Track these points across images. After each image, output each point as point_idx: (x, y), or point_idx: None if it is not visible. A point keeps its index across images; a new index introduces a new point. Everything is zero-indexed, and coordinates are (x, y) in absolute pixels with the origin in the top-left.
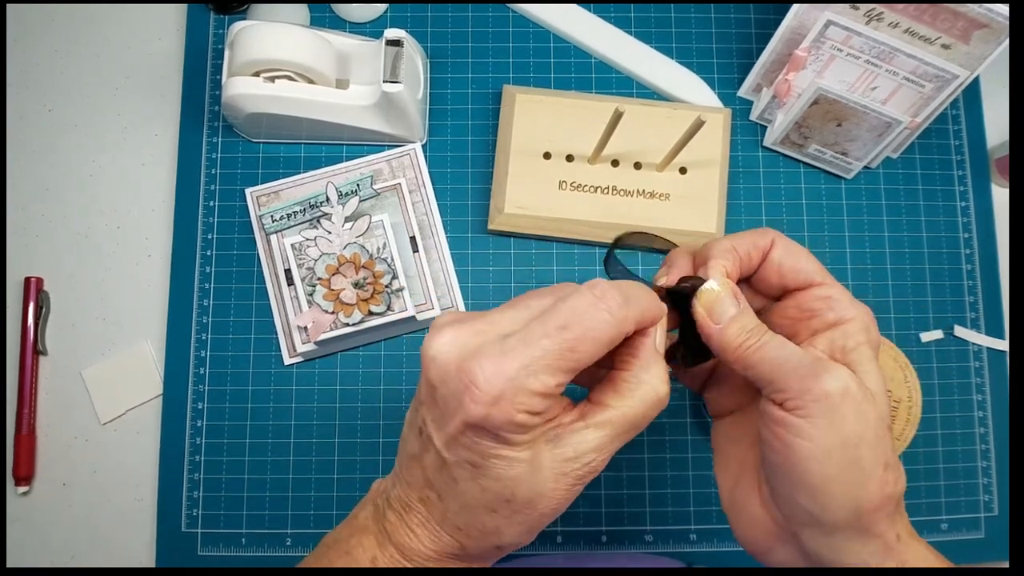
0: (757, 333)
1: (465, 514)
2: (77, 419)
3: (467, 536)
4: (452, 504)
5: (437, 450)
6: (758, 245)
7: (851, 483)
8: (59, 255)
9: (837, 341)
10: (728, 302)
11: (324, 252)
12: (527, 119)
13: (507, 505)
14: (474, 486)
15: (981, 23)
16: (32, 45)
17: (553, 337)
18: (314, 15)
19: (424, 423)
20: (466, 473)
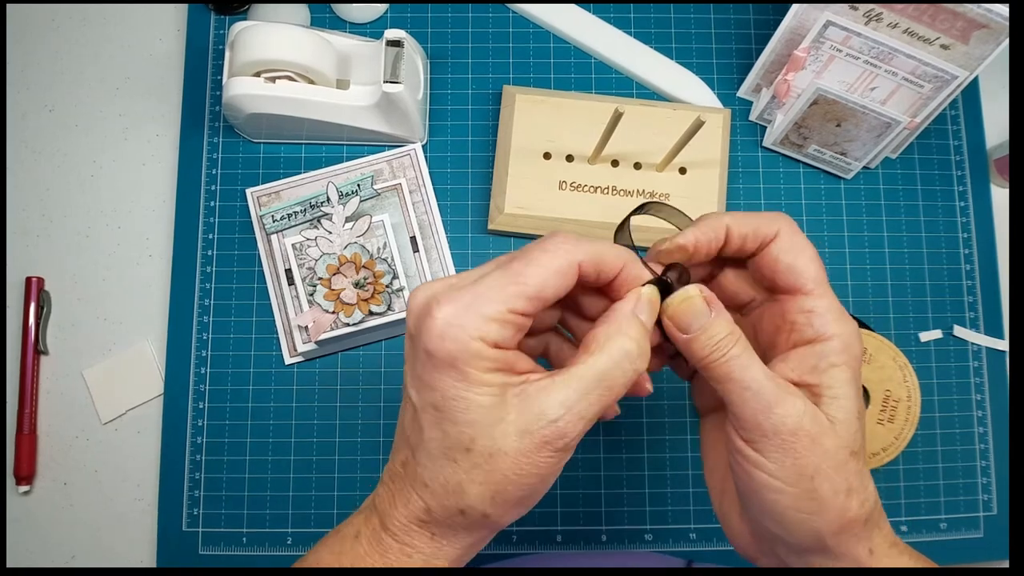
0: (724, 346)
1: (430, 465)
2: (78, 419)
3: (432, 494)
4: (421, 456)
5: (411, 399)
6: (760, 233)
7: (809, 512)
8: (60, 255)
9: (809, 360)
10: (697, 311)
11: (325, 252)
12: (527, 119)
13: (467, 455)
14: (437, 432)
15: (980, 23)
16: (33, 45)
17: (504, 268)
18: (314, 15)
19: (405, 383)
20: (430, 417)
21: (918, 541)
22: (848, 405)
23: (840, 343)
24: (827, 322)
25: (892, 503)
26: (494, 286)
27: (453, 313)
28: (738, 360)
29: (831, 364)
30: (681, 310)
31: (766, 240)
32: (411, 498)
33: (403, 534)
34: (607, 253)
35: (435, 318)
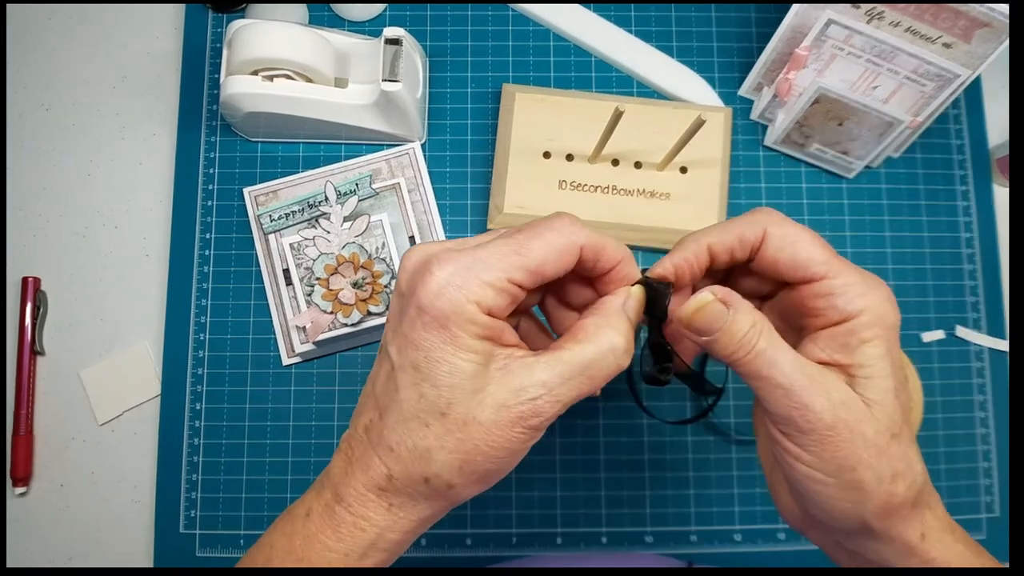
0: (748, 342)
1: (399, 428)
2: (75, 420)
3: (396, 459)
4: (390, 419)
5: (389, 358)
6: (746, 239)
7: (852, 501)
8: (57, 255)
9: (838, 339)
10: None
11: (323, 252)
12: (527, 118)
13: (441, 420)
14: (413, 392)
15: (982, 22)
16: (30, 44)
17: (506, 238)
18: (313, 14)
19: (385, 341)
20: (408, 377)
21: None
22: (884, 384)
23: (869, 317)
24: (849, 299)
25: None
26: (496, 253)
27: (453, 273)
28: (764, 355)
29: (861, 340)
30: (699, 317)
31: (755, 244)
32: (372, 463)
33: (358, 504)
34: (609, 245)
35: (433, 275)
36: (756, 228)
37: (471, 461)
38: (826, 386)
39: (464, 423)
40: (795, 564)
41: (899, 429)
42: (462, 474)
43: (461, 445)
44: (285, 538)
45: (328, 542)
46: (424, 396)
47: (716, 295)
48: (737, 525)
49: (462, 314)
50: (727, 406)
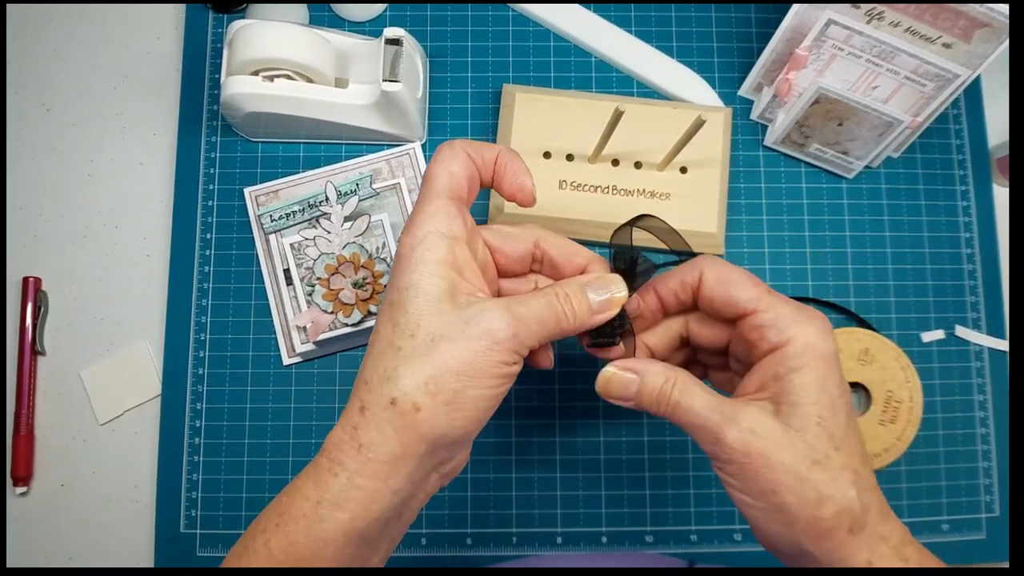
0: (665, 393)
1: (371, 361)
2: (75, 419)
3: (368, 388)
4: (368, 359)
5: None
6: (686, 282)
7: (780, 523)
8: (57, 255)
9: (771, 368)
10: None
11: (323, 252)
12: (527, 118)
13: (410, 340)
14: (388, 325)
15: (982, 22)
16: (30, 44)
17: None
18: (313, 14)
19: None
20: (386, 314)
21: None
22: (807, 411)
23: (798, 345)
24: (779, 330)
25: (894, 504)
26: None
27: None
28: (679, 404)
29: (790, 369)
30: (612, 389)
31: (694, 286)
32: (351, 406)
33: (334, 450)
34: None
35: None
36: (694, 272)
37: (437, 378)
38: (737, 419)
39: (432, 339)
40: None
41: (824, 455)
42: (428, 392)
43: (428, 361)
44: (276, 501)
45: (306, 491)
46: (396, 324)
47: (619, 367)
48: (737, 525)
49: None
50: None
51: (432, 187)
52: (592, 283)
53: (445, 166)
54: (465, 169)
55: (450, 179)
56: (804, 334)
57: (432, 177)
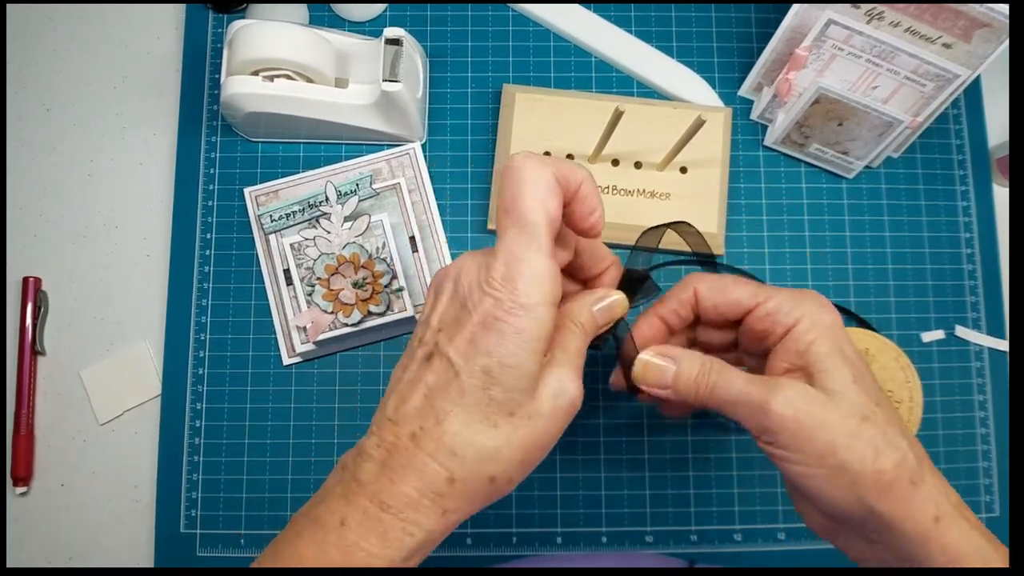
0: (704, 377)
1: (463, 432)
2: (75, 419)
3: (461, 463)
4: (452, 424)
5: (451, 364)
6: (682, 300)
7: (845, 485)
8: (57, 255)
9: (791, 347)
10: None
11: (323, 252)
12: (527, 118)
13: (509, 419)
14: (483, 396)
15: (982, 22)
16: (31, 44)
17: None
18: (313, 14)
19: (437, 344)
20: (478, 382)
21: None
22: (839, 374)
23: (807, 322)
24: (786, 312)
25: None
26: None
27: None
28: (719, 385)
29: (808, 343)
30: (649, 376)
31: (692, 302)
32: (428, 469)
33: (410, 511)
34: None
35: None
36: (687, 290)
37: (532, 454)
38: (780, 388)
39: (529, 418)
40: (795, 564)
41: (870, 411)
42: (522, 468)
43: (525, 441)
44: (315, 547)
45: (373, 549)
46: (494, 399)
47: (655, 353)
48: (737, 525)
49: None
50: None
51: (535, 235)
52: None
53: (543, 204)
54: (560, 206)
55: (550, 224)
56: (809, 311)
57: (531, 223)
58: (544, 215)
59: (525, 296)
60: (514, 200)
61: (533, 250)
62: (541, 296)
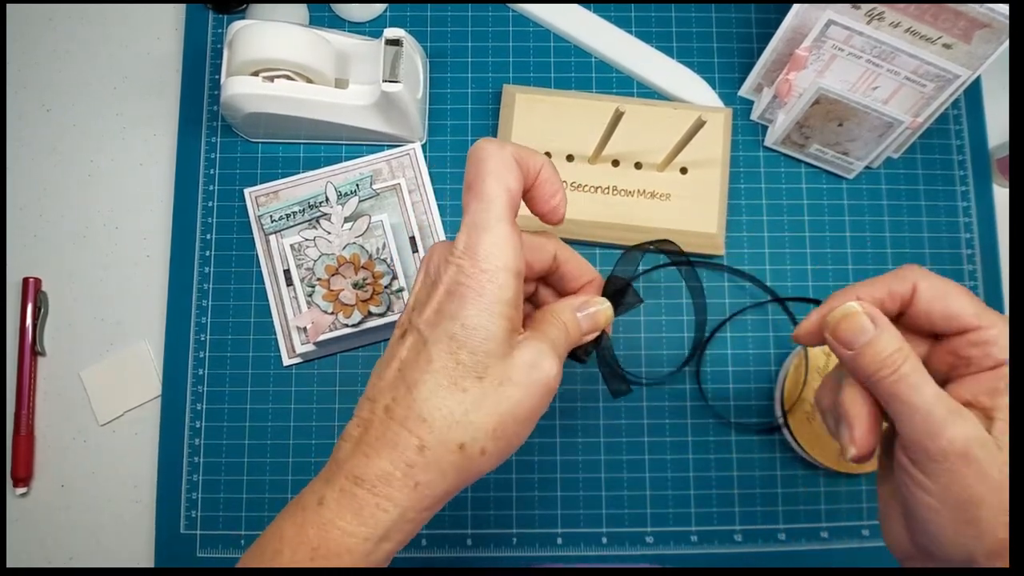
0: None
1: (433, 397)
2: (75, 420)
3: (430, 428)
4: (422, 391)
5: (419, 334)
6: (896, 294)
7: (968, 537)
8: (58, 255)
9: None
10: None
11: (323, 252)
12: (527, 119)
13: (478, 383)
14: (450, 360)
15: (982, 23)
16: (30, 45)
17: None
18: (313, 14)
19: (410, 322)
20: (444, 347)
21: None
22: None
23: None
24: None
25: None
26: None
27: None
28: (908, 380)
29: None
30: (843, 326)
31: (906, 298)
32: (400, 439)
33: (382, 484)
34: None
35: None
36: (906, 283)
37: (503, 424)
38: (964, 420)
39: (500, 383)
40: (795, 564)
41: None
42: (495, 438)
43: (497, 406)
44: (295, 527)
45: (348, 527)
46: (461, 363)
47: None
48: (737, 525)
49: (499, 285)
50: (725, 390)
51: (492, 208)
52: (581, 307)
53: (503, 182)
54: (519, 184)
55: (509, 198)
56: None
57: (490, 196)
58: (503, 188)
59: (485, 261)
60: (475, 177)
61: (493, 219)
62: (502, 261)
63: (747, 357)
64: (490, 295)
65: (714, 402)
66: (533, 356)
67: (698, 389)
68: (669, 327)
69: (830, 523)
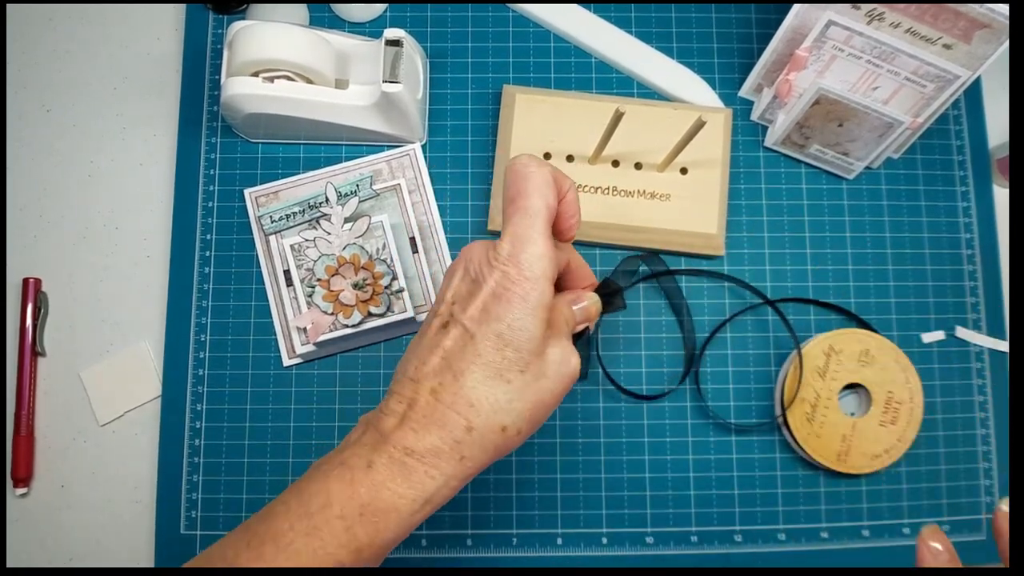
0: None
1: (481, 386)
2: (76, 420)
3: (477, 412)
4: (470, 379)
5: (465, 329)
6: None
7: None
8: (58, 256)
9: None
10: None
11: (323, 253)
12: (527, 119)
13: (520, 376)
14: (497, 356)
15: (982, 23)
16: (30, 45)
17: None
18: (313, 15)
19: (452, 315)
20: (491, 344)
21: None
22: None
23: None
24: None
25: (894, 505)
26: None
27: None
28: None
29: None
30: None
31: None
32: (448, 419)
33: (431, 456)
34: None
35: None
36: None
37: (537, 410)
38: None
39: (536, 378)
40: (795, 564)
41: None
42: (530, 421)
43: (534, 395)
44: (344, 484)
45: (398, 489)
46: (506, 358)
47: None
48: (737, 526)
49: (540, 292)
50: (725, 391)
51: (536, 222)
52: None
53: (544, 197)
54: (556, 201)
55: (549, 214)
56: None
57: (533, 210)
58: (544, 204)
59: (528, 270)
60: (519, 191)
61: (536, 232)
62: (541, 271)
63: (746, 358)
64: (533, 301)
65: (713, 403)
66: (561, 353)
67: (696, 391)
68: (669, 340)
69: (830, 523)
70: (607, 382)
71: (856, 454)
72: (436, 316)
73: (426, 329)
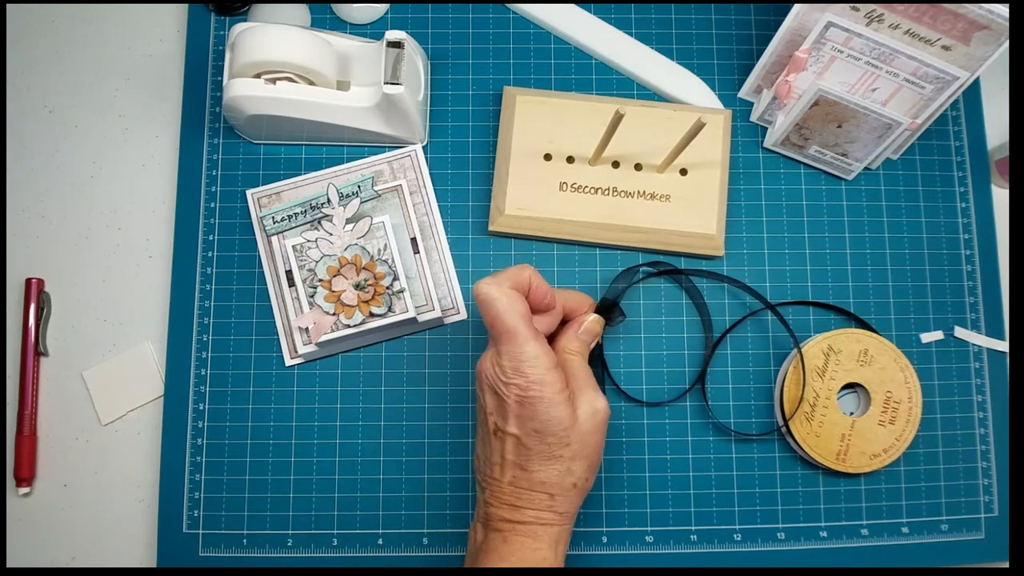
0: None
1: (545, 469)
2: (78, 420)
3: (551, 484)
4: (533, 466)
5: (512, 435)
6: None
7: None
8: (60, 256)
9: None
10: None
11: (325, 253)
12: (528, 120)
13: (567, 448)
14: (543, 445)
15: (981, 24)
16: (32, 46)
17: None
18: (315, 16)
19: (497, 425)
20: (535, 439)
21: (919, 543)
22: None
23: None
24: None
25: (893, 504)
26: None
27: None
28: None
29: None
30: None
31: None
32: (535, 498)
33: (535, 522)
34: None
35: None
36: None
37: (593, 461)
38: None
39: (579, 441)
40: (794, 563)
41: None
42: (591, 470)
43: (583, 453)
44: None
45: (532, 545)
46: (551, 444)
47: None
48: (737, 524)
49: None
50: (725, 390)
51: (518, 336)
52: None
53: (514, 311)
54: (525, 304)
55: (525, 318)
56: None
57: (512, 328)
58: (518, 316)
59: (533, 373)
60: (493, 317)
61: (522, 341)
62: (544, 368)
63: (746, 358)
64: (548, 395)
65: (713, 402)
66: (589, 407)
67: (701, 393)
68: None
69: (829, 522)
70: (608, 383)
71: (855, 453)
72: (485, 423)
73: (483, 431)
